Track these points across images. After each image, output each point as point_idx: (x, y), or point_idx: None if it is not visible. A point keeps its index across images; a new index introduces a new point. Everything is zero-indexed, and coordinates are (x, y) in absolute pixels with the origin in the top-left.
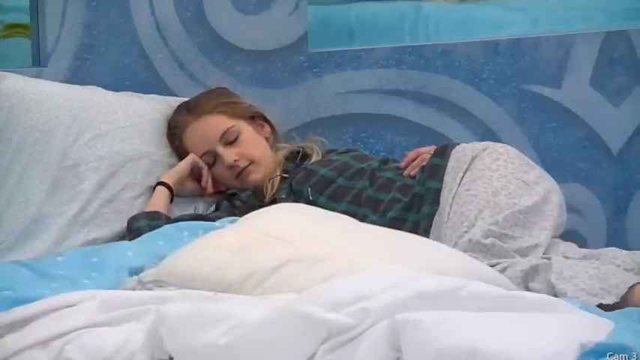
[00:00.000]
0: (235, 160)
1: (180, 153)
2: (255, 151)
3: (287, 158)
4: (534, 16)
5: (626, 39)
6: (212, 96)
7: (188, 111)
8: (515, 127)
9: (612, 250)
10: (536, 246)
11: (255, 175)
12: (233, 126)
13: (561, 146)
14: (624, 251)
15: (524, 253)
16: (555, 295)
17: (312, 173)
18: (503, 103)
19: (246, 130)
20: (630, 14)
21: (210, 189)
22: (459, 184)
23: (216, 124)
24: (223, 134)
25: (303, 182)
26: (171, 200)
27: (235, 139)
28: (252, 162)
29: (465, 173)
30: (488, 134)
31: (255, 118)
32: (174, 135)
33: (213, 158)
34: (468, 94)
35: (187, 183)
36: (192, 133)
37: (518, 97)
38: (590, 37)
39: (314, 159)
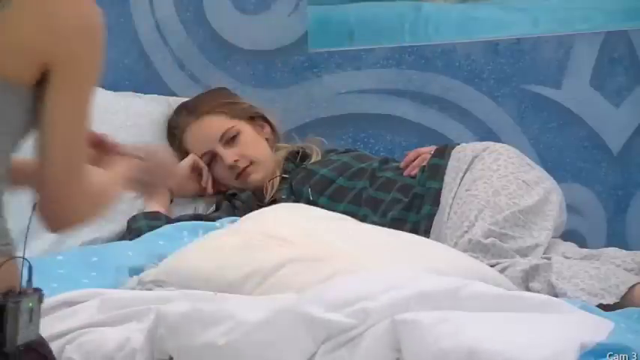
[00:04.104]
0: (235, 161)
1: (180, 153)
2: (255, 152)
3: (287, 158)
4: (534, 16)
5: (626, 39)
6: (212, 96)
7: (188, 111)
8: (515, 127)
9: (612, 250)
10: (537, 246)
11: (256, 176)
12: (233, 126)
13: (561, 146)
14: (624, 251)
15: (524, 253)
16: (555, 295)
17: (312, 174)
18: (503, 103)
19: (246, 130)
20: (630, 14)
21: (210, 189)
22: (460, 184)
23: (216, 124)
24: (223, 134)
25: (303, 183)
26: (171, 201)
27: (235, 140)
28: (252, 162)
29: (465, 173)
30: (488, 134)
31: (256, 118)
32: (174, 135)
33: (212, 158)
34: (468, 94)
35: (187, 183)
36: (191, 134)
37: (518, 97)
38: (590, 37)
39: (314, 159)
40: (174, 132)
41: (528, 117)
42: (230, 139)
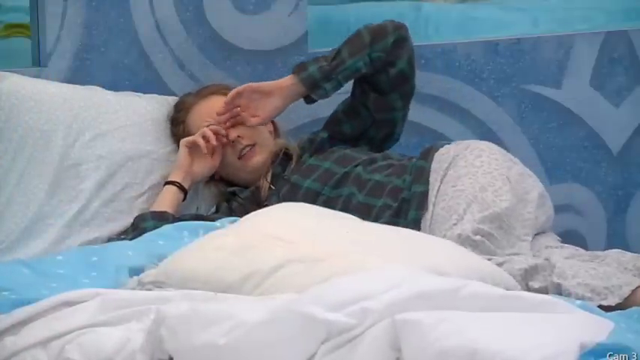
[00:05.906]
0: (238, 136)
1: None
2: (257, 135)
3: (272, 161)
4: (534, 16)
5: (626, 39)
6: (218, 84)
7: (195, 93)
8: (515, 127)
9: (614, 253)
10: (516, 255)
11: (259, 158)
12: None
13: (561, 146)
14: (628, 254)
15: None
16: (557, 294)
17: (297, 188)
18: (503, 103)
19: None
20: (630, 14)
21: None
22: (442, 181)
23: (221, 101)
24: None
25: (289, 199)
26: (184, 198)
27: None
28: (255, 143)
29: (446, 171)
30: (488, 134)
31: None
32: (178, 119)
33: None
34: (468, 94)
35: (195, 167)
36: (198, 109)
37: (518, 97)
38: (590, 37)
39: (294, 162)
40: (179, 114)
41: (528, 117)
42: None
